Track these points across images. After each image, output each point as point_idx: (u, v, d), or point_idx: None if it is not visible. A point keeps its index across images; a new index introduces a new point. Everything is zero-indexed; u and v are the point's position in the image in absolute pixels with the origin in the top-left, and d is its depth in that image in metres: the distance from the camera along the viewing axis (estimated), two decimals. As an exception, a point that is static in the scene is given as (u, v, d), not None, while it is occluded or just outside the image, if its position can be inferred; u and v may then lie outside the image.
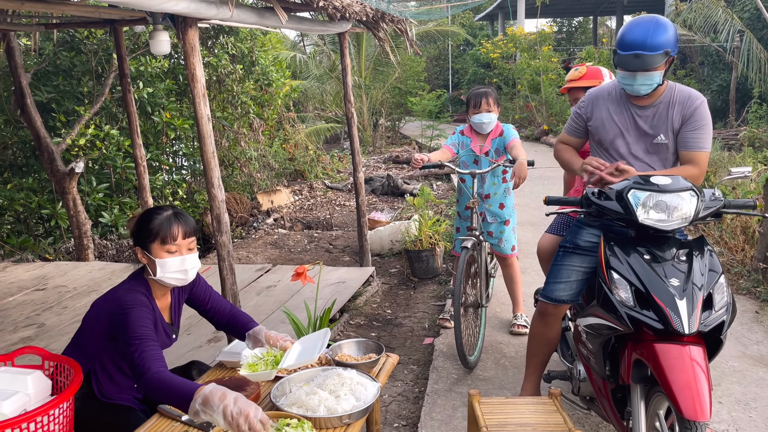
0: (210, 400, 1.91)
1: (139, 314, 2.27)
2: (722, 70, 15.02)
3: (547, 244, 3.77)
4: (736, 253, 5.71)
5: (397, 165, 13.02)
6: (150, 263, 2.37)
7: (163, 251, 2.35)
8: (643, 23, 2.67)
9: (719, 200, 2.50)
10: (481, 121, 4.22)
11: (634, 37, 2.64)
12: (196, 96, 3.45)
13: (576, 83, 4.00)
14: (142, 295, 2.36)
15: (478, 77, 21.82)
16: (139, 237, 2.38)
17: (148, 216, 2.39)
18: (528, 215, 7.77)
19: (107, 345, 2.37)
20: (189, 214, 2.48)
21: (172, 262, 2.36)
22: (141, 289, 2.39)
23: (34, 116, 6.24)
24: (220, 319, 2.69)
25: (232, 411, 1.87)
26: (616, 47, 2.72)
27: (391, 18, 5.29)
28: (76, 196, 6.50)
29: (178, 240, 2.37)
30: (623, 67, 2.70)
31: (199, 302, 2.67)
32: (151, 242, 2.35)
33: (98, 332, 2.39)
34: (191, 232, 2.41)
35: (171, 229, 2.35)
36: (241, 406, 1.89)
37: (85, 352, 2.42)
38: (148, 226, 2.35)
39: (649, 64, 2.63)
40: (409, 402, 3.74)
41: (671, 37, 2.64)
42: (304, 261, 6.81)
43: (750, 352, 4.06)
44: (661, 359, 2.19)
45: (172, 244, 2.36)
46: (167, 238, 2.35)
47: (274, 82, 9.88)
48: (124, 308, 2.28)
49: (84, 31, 7.54)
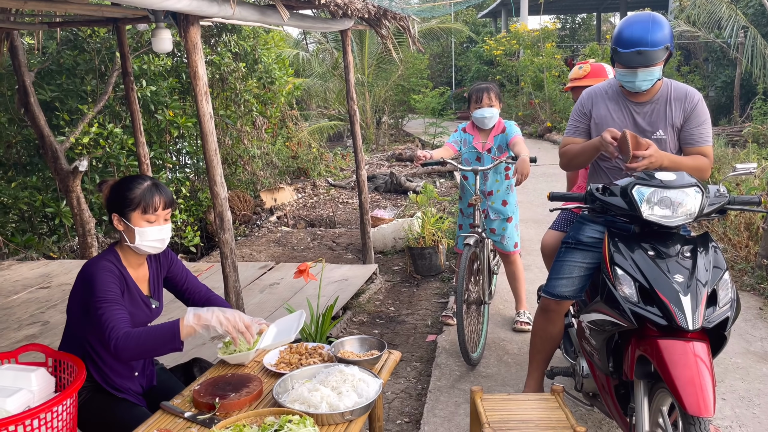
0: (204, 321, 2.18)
1: (102, 278, 2.31)
2: (726, 67, 14.97)
3: (551, 240, 3.77)
4: (740, 249, 5.70)
5: (400, 162, 13.01)
6: (127, 230, 2.40)
7: (143, 220, 2.39)
8: (640, 20, 2.68)
9: (724, 196, 2.50)
10: (482, 115, 4.21)
11: (634, 34, 2.65)
12: (199, 94, 3.45)
13: (580, 81, 3.99)
14: (107, 262, 2.39)
15: (481, 74, 21.77)
16: (117, 204, 2.40)
17: (126, 184, 2.41)
18: (531, 212, 7.76)
19: (87, 322, 2.38)
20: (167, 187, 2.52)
21: (151, 231, 2.40)
22: (108, 257, 2.41)
23: (37, 115, 6.25)
24: (196, 302, 2.69)
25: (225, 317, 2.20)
26: (614, 46, 2.73)
27: (393, 15, 5.28)
28: (80, 195, 6.52)
29: (158, 210, 2.41)
30: (625, 64, 2.71)
31: (175, 282, 2.69)
32: (131, 210, 2.38)
33: (77, 312, 2.41)
34: (170, 203, 2.47)
35: (153, 199, 2.39)
36: (228, 314, 2.20)
37: (75, 338, 2.44)
38: (128, 194, 2.38)
39: (652, 59, 2.65)
40: (411, 399, 3.74)
41: (668, 32, 2.67)
42: (307, 258, 6.82)
43: (754, 349, 4.05)
44: (665, 355, 2.18)
45: (152, 214, 2.40)
46: (149, 208, 2.39)
47: (276, 80, 9.88)
48: (88, 275, 2.33)
49: (87, 30, 7.54)
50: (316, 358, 2.51)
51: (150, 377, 2.63)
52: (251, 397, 2.24)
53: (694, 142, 2.84)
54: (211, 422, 2.10)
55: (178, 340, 2.17)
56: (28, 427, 1.91)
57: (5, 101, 7.42)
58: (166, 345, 2.18)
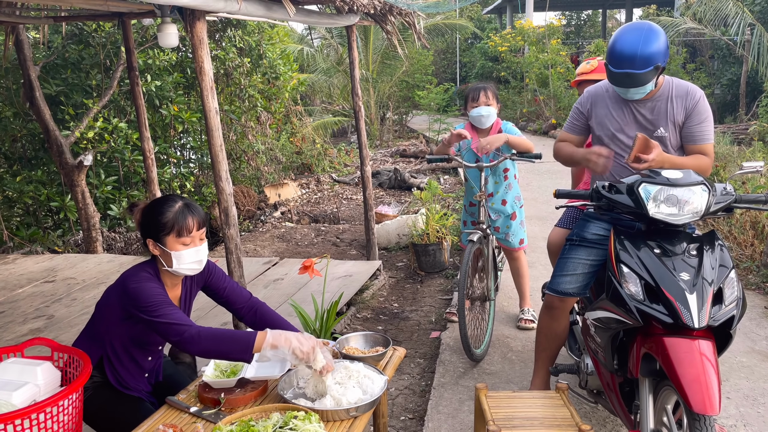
0: (278, 346, 2.14)
1: (150, 286, 2.29)
2: (732, 64, 14.90)
3: (556, 237, 3.76)
4: (746, 248, 5.68)
5: (405, 159, 13.00)
6: (164, 255, 2.36)
7: (179, 244, 2.34)
8: (631, 37, 2.65)
9: (731, 195, 2.49)
10: (479, 114, 4.16)
11: (624, 51, 2.63)
12: (204, 89, 3.45)
13: (587, 76, 3.98)
14: (148, 274, 2.37)
15: (486, 71, 21.73)
16: (150, 229, 2.36)
17: (158, 208, 2.36)
18: (536, 209, 7.75)
19: (119, 328, 2.38)
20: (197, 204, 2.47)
21: (188, 254, 2.36)
22: (149, 270, 2.39)
23: (43, 109, 6.26)
24: (239, 309, 2.64)
25: (301, 349, 2.13)
26: (607, 62, 2.73)
27: (399, 11, 5.27)
28: (85, 189, 6.53)
29: (193, 232, 2.36)
30: (615, 84, 2.75)
31: (215, 291, 2.65)
32: (165, 235, 2.33)
33: (109, 316, 2.39)
34: (203, 223, 2.41)
35: (186, 221, 2.34)
36: (304, 342, 2.15)
37: (98, 338, 2.43)
38: (161, 219, 2.33)
39: (640, 81, 2.67)
40: (415, 395, 3.74)
41: (661, 48, 2.64)
42: (311, 254, 6.82)
43: (759, 348, 4.04)
44: (671, 353, 2.18)
45: (187, 237, 2.35)
46: (183, 231, 2.33)
47: (281, 75, 9.87)
48: (133, 284, 2.29)
49: (92, 24, 7.55)
50: (321, 354, 2.51)
51: (157, 373, 2.63)
52: (256, 393, 2.25)
53: (695, 140, 2.84)
54: (217, 417, 2.11)
55: (250, 353, 2.15)
56: (35, 421, 1.92)
57: (11, 95, 7.43)
58: (238, 354, 2.16)
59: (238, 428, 1.94)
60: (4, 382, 2.11)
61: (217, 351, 2.17)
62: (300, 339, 2.15)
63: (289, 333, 2.17)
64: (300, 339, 2.15)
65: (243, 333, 2.18)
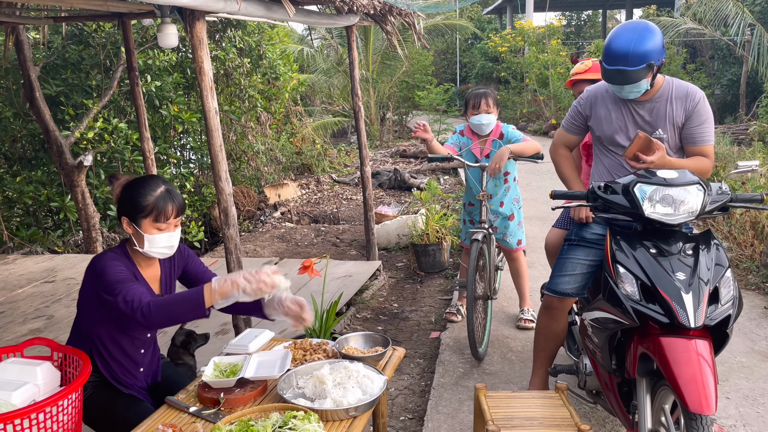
0: (227, 292, 2.09)
1: (112, 264, 2.30)
2: (732, 64, 14.90)
3: (554, 238, 3.77)
4: (746, 248, 5.68)
5: (405, 159, 13.01)
6: (137, 235, 2.38)
7: (154, 228, 2.36)
8: (628, 33, 2.66)
9: (726, 194, 2.49)
10: (480, 122, 4.18)
11: (618, 49, 2.65)
12: (204, 89, 3.45)
13: (581, 76, 3.98)
14: (117, 255, 2.38)
15: (486, 71, 21.73)
16: (128, 208, 2.37)
17: (139, 189, 2.36)
18: (535, 210, 7.76)
19: (100, 316, 2.38)
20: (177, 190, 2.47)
21: (161, 239, 2.38)
22: (117, 252, 2.41)
23: (43, 109, 6.26)
24: None
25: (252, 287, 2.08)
26: (602, 59, 2.73)
27: (398, 11, 5.27)
28: (85, 189, 6.54)
29: (170, 219, 2.38)
30: (609, 80, 2.76)
31: (192, 278, 2.66)
32: (143, 217, 2.35)
33: (88, 307, 2.40)
34: (181, 210, 2.43)
35: (166, 208, 2.36)
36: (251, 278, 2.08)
37: (84, 333, 2.44)
38: (141, 201, 2.34)
39: (632, 79, 2.67)
40: (415, 395, 3.75)
41: (655, 46, 2.64)
42: (311, 254, 6.83)
43: (758, 348, 4.04)
44: (667, 353, 2.19)
45: (163, 222, 2.37)
46: (161, 217, 2.35)
47: (281, 75, 9.87)
48: (98, 268, 2.31)
49: (92, 25, 7.55)
50: (321, 354, 2.52)
51: (155, 372, 2.64)
52: (256, 393, 2.25)
53: (695, 141, 2.84)
54: (216, 417, 2.11)
55: (202, 306, 2.12)
56: (34, 420, 1.92)
57: (11, 96, 7.44)
58: (192, 311, 2.14)
59: (237, 428, 1.94)
60: (4, 382, 2.12)
61: (170, 317, 2.18)
62: (247, 276, 2.09)
63: (234, 274, 2.12)
64: (247, 276, 2.09)
65: (191, 292, 2.17)
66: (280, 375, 2.30)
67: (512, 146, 3.99)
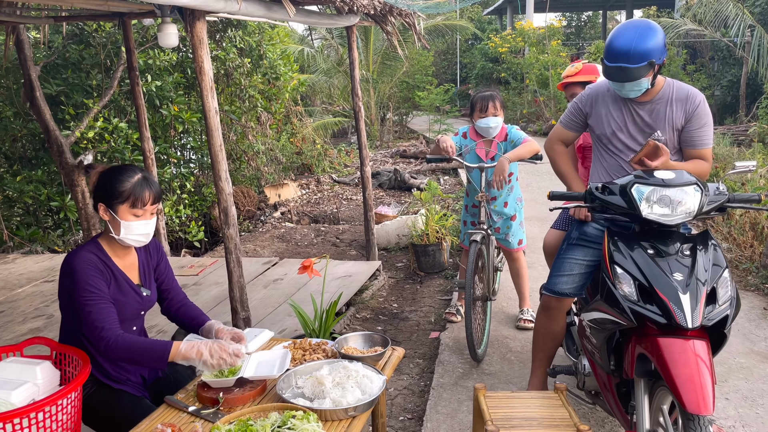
0: (189, 357, 2.24)
1: (84, 272, 2.31)
2: (732, 66, 14.90)
3: (552, 239, 3.77)
4: (745, 249, 5.69)
5: (405, 159, 13.01)
6: (113, 222, 2.39)
7: (131, 214, 2.38)
8: (627, 33, 2.66)
9: (723, 194, 2.49)
10: (488, 125, 4.17)
11: (620, 47, 2.65)
12: (204, 89, 3.46)
13: (573, 78, 3.98)
14: (88, 253, 2.38)
15: (486, 72, 21.73)
16: (105, 194, 2.38)
17: (117, 176, 2.38)
18: (535, 210, 7.76)
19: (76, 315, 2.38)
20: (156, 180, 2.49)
21: (137, 226, 2.40)
22: (90, 248, 2.41)
23: (43, 109, 6.26)
24: (172, 303, 2.69)
25: (212, 362, 2.22)
26: (603, 56, 2.74)
27: (399, 11, 5.28)
28: (85, 189, 6.53)
29: (147, 205, 2.40)
30: (609, 78, 2.76)
31: (158, 279, 2.68)
32: (120, 203, 2.36)
33: (68, 303, 2.41)
34: (158, 198, 2.45)
35: (143, 193, 2.38)
36: (214, 352, 2.22)
37: (69, 330, 2.44)
38: (119, 187, 2.35)
39: (633, 76, 2.66)
40: (414, 395, 3.75)
41: (657, 45, 2.64)
42: (310, 254, 6.83)
43: (758, 349, 4.04)
44: (665, 353, 2.19)
45: (140, 209, 2.38)
46: (138, 202, 2.37)
47: (281, 75, 9.87)
48: (70, 268, 2.33)
49: (93, 24, 7.55)
50: (320, 354, 2.52)
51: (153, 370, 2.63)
52: (255, 392, 2.25)
53: (694, 144, 2.84)
54: (215, 417, 2.12)
55: (165, 361, 2.25)
56: (33, 420, 1.92)
57: (11, 95, 7.44)
58: (153, 362, 2.28)
59: (236, 427, 1.94)
60: (4, 381, 2.12)
61: (130, 359, 2.30)
62: (212, 350, 2.23)
63: (201, 344, 2.25)
64: (212, 350, 2.23)
65: (159, 345, 2.26)
66: (279, 375, 2.30)
67: (509, 155, 3.98)
